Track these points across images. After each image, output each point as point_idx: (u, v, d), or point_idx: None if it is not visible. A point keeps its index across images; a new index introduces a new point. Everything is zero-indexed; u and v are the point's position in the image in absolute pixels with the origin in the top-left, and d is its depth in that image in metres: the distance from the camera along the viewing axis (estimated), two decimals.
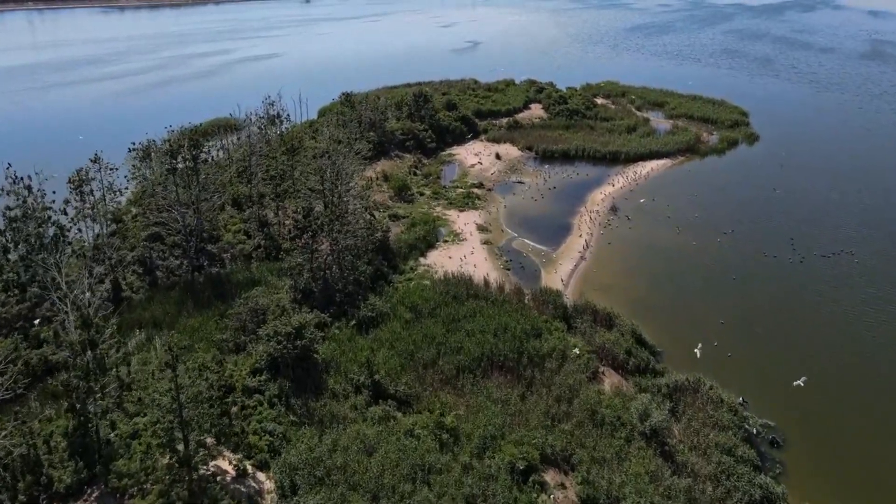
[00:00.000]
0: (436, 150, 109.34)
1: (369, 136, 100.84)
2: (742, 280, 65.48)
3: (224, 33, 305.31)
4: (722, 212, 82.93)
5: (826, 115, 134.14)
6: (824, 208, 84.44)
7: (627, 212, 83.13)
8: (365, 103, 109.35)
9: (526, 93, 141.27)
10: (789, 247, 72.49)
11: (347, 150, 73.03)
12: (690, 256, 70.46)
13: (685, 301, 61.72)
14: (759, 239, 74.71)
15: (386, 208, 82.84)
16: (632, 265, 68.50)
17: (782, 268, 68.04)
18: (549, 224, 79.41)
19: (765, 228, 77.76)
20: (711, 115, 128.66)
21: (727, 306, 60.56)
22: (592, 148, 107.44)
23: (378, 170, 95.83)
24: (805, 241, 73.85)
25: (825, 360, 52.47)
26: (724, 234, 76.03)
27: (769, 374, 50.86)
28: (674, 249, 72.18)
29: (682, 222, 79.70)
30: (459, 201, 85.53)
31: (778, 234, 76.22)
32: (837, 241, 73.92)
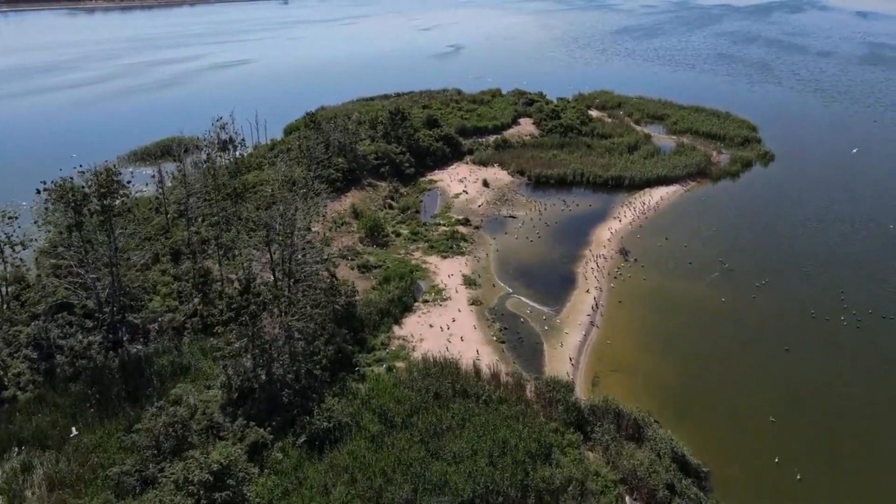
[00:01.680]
0: (415, 176, 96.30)
1: (337, 164, 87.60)
2: (791, 353, 53.20)
3: (195, 37, 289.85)
4: (749, 254, 70.81)
5: (841, 129, 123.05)
6: (870, 249, 72.64)
7: (639, 255, 70.75)
8: (334, 123, 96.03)
9: (514, 105, 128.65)
10: (839, 303, 60.45)
11: (304, 191, 59.84)
12: (722, 319, 58.11)
13: (724, 386, 49.28)
14: (800, 293, 62.60)
15: (354, 255, 69.69)
16: (653, 334, 55.96)
17: (837, 334, 55.91)
18: (548, 274, 66.76)
19: (804, 277, 65.67)
20: (718, 131, 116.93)
21: (778, 394, 48.25)
22: (592, 172, 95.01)
23: (347, 203, 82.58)
24: (857, 294, 61.89)
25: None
26: (757, 286, 63.84)
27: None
28: (700, 309, 59.81)
29: (704, 269, 67.49)
30: (442, 244, 72.55)
31: (822, 284, 64.20)
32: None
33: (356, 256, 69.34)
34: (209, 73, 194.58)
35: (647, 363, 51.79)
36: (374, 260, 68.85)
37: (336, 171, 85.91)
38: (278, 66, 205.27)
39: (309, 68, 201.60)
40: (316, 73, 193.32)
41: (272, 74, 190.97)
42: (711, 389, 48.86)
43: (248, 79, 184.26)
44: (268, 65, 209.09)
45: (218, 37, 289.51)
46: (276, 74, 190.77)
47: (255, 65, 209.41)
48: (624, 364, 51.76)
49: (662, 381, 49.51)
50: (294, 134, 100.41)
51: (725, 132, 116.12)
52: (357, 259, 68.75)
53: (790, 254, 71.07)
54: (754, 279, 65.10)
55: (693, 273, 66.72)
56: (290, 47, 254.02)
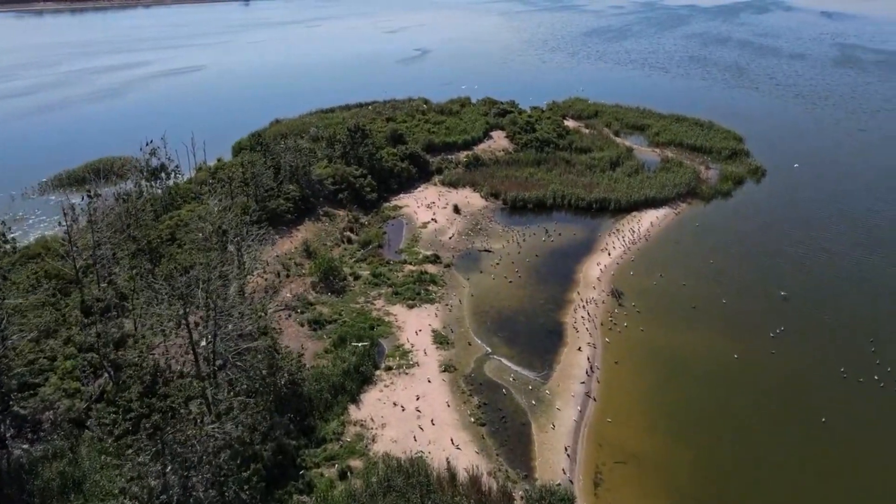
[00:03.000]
0: (377, 202, 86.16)
1: (288, 192, 77.04)
2: (828, 428, 44.67)
3: (146, 41, 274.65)
4: (757, 294, 62.46)
5: (830, 139, 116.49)
6: (892, 281, 64.96)
7: (634, 297, 61.89)
8: (284, 143, 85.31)
9: (485, 117, 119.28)
10: (870, 356, 52.30)
11: (238, 240, 49.45)
12: (740, 383, 49.38)
13: (756, 479, 40.38)
14: (823, 343, 54.32)
15: (305, 306, 59.40)
16: (660, 408, 46.91)
17: (877, 401, 47.57)
18: (532, 326, 57.40)
19: (825, 323, 57.48)
20: (704, 143, 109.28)
21: (824, 486, 39.58)
22: (574, 194, 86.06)
23: (299, 239, 72.12)
24: (890, 344, 53.78)
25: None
26: (772, 336, 55.36)
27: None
28: (712, 370, 51.02)
29: (708, 313, 58.92)
30: (408, 289, 62.64)
31: (845, 331, 56.02)
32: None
33: (307, 308, 59.03)
34: (156, 81, 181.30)
35: (657, 450, 42.66)
36: (329, 312, 58.65)
37: (286, 202, 75.36)
38: (233, 73, 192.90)
39: (266, 75, 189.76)
40: (273, 80, 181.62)
41: (225, 82, 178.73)
42: (739, 484, 39.92)
43: (198, 87, 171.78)
44: (221, 72, 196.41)
45: (171, 40, 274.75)
46: (229, 82, 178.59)
47: (207, 72, 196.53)
48: (630, 451, 42.55)
49: (678, 477, 40.40)
50: (241, 156, 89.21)
51: (711, 144, 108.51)
52: (308, 311, 58.44)
53: (803, 292, 62.89)
54: (767, 326, 56.63)
55: (697, 320, 58.00)
56: (247, 52, 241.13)
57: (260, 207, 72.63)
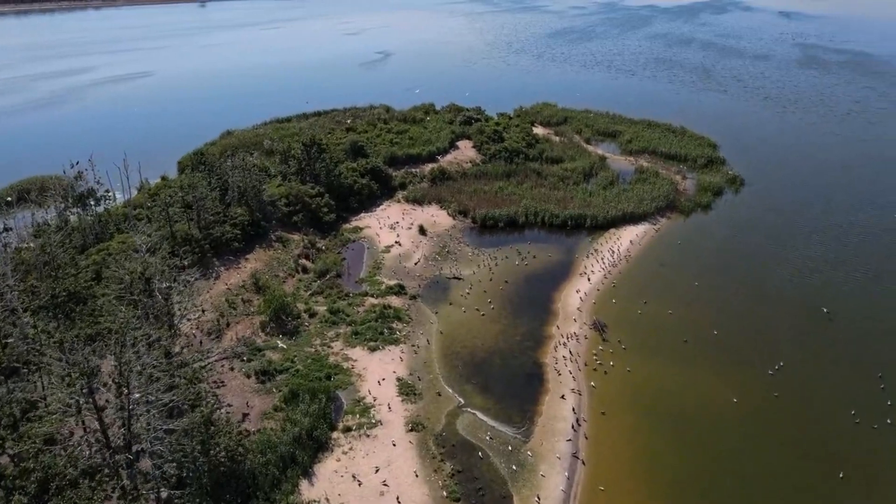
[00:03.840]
0: (336, 223, 79.29)
1: (236, 216, 69.72)
2: (846, 483, 39.65)
3: (94, 45, 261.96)
4: (749, 323, 57.61)
5: (805, 145, 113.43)
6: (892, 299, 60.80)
7: (618, 330, 56.45)
8: (232, 161, 77.79)
9: (450, 125, 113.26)
10: (881, 395, 47.67)
11: (168, 287, 42.35)
12: (742, 434, 44.17)
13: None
14: (828, 381, 49.60)
15: (253, 352, 52.38)
16: (656, 468, 41.37)
17: None
18: (508, 368, 51.44)
19: (826, 356, 52.77)
20: (678, 151, 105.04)
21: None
22: (547, 211, 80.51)
23: (248, 270, 64.91)
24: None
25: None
26: (770, 374, 50.43)
27: None
28: (711, 419, 45.74)
29: (700, 347, 53.79)
30: (370, 328, 56.05)
31: (850, 364, 51.41)
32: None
33: (254, 355, 52.02)
34: (100, 88, 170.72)
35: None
36: (280, 359, 51.75)
37: (234, 228, 68.03)
38: (183, 80, 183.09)
39: (219, 83, 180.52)
40: (227, 88, 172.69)
41: (174, 90, 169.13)
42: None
43: (145, 95, 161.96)
44: (170, 78, 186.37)
45: (120, 44, 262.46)
46: (178, 90, 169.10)
47: (156, 78, 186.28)
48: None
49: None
50: (182, 177, 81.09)
51: (686, 152, 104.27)
52: (256, 359, 51.46)
53: (798, 317, 58.26)
54: (765, 362, 51.69)
55: (688, 356, 52.75)
56: (200, 56, 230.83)
57: (203, 236, 65.28)
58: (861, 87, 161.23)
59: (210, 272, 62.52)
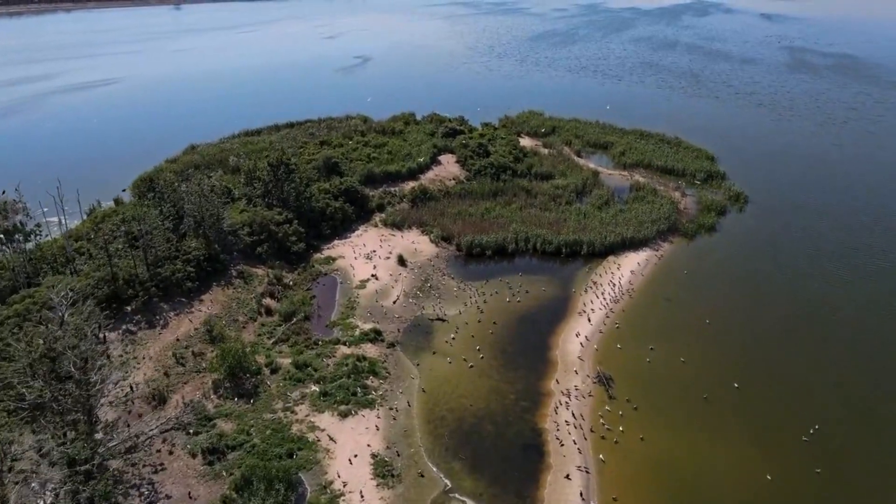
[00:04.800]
0: (306, 252, 71.39)
1: (189, 249, 61.60)
2: None
3: (64, 48, 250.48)
4: (773, 370, 50.86)
5: (804, 155, 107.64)
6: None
7: (627, 384, 49.39)
8: (188, 186, 69.54)
9: (432, 137, 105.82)
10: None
11: (84, 358, 34.49)
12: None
13: None
14: (880, 448, 42.80)
15: (202, 421, 44.48)
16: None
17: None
18: (503, 437, 44.08)
19: (870, 414, 46.05)
20: (675, 164, 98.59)
21: None
22: (539, 236, 73.40)
23: (202, 316, 56.81)
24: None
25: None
26: (805, 440, 43.63)
27: None
28: None
29: (722, 406, 46.88)
30: (341, 388, 48.35)
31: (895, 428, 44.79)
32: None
33: (203, 426, 44.09)
34: (62, 96, 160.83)
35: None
36: (233, 430, 43.89)
37: (186, 265, 59.91)
38: (150, 88, 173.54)
39: (188, 89, 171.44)
40: (195, 95, 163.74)
41: (140, 99, 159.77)
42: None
43: (109, 104, 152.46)
44: (137, 86, 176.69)
45: (90, 48, 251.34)
46: (144, 99, 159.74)
47: (122, 85, 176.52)
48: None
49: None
50: (127, 207, 72.28)
51: (684, 166, 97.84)
52: (204, 431, 43.54)
53: (829, 363, 51.60)
54: (798, 424, 44.87)
55: (709, 419, 45.77)
56: (171, 62, 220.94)
57: (150, 275, 57.11)
58: (855, 93, 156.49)
59: (157, 319, 54.42)
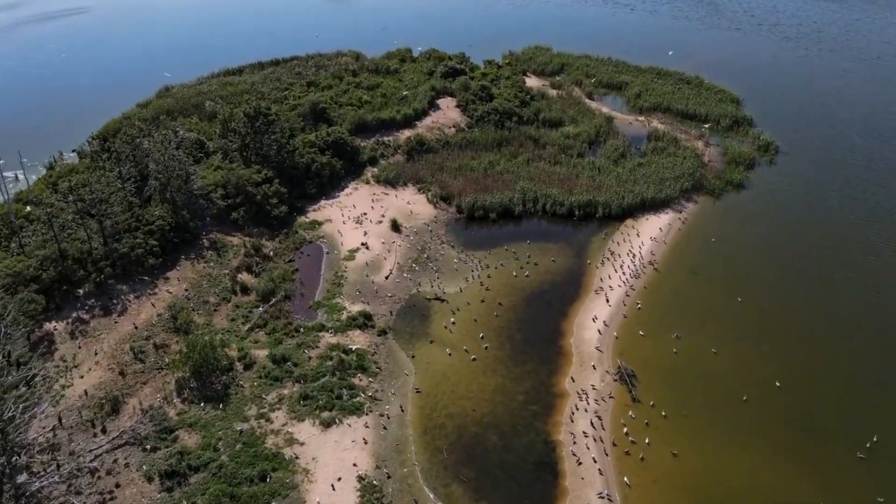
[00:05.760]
0: (289, 216, 63.80)
1: (152, 219, 54.11)
2: None
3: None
4: (818, 364, 44.51)
5: (838, 96, 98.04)
6: None
7: (652, 382, 43.14)
8: (150, 141, 61.16)
9: (430, 78, 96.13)
10: None
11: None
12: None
13: None
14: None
15: (160, 435, 38.34)
16: None
17: None
18: (510, 452, 38.09)
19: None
20: (697, 109, 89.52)
21: None
22: (549, 196, 65.68)
23: (166, 297, 49.84)
24: None
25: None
26: (861, 456, 37.67)
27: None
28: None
29: (763, 410, 40.72)
30: (325, 389, 41.97)
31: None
32: None
33: (162, 439, 37.95)
34: (24, 29, 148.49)
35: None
36: (197, 445, 37.78)
37: (149, 237, 52.51)
38: (124, 19, 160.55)
39: (165, 20, 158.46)
40: (174, 27, 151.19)
41: (112, 32, 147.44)
42: None
43: (78, 37, 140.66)
44: (108, 16, 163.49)
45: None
46: (117, 32, 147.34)
47: (92, 16, 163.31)
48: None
49: None
50: (78, 169, 63.58)
51: (707, 111, 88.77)
52: (163, 446, 37.44)
53: (886, 356, 45.19)
54: (853, 436, 38.78)
55: (749, 426, 39.66)
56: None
57: (106, 252, 49.87)
58: (887, 24, 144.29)
59: (114, 304, 47.57)
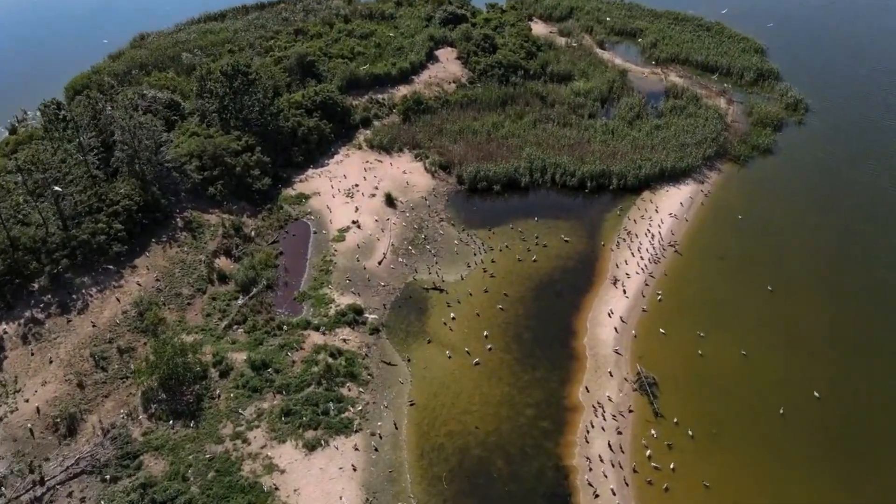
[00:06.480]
0: (273, 187, 58.00)
1: (117, 198, 48.50)
2: None
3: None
4: (863, 371, 39.88)
5: (871, 43, 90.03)
6: None
7: (675, 393, 38.60)
8: (111, 105, 54.70)
9: (428, 25, 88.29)
10: None
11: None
12: None
13: None
14: None
15: (121, 461, 34.01)
16: None
17: None
18: (517, 479, 33.87)
19: None
20: (718, 60, 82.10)
21: None
22: (558, 166, 59.67)
23: (133, 290, 44.74)
24: None
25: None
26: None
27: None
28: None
29: (800, 424, 36.35)
30: (309, 402, 37.44)
31: None
32: None
33: (125, 466, 33.65)
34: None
35: None
36: (164, 473, 33.51)
37: (113, 219, 47.00)
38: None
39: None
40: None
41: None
42: None
43: None
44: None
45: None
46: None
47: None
48: None
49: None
50: (34, 141, 57.02)
51: (729, 62, 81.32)
52: (126, 475, 33.16)
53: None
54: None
55: (788, 445, 35.28)
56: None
57: (63, 239, 44.51)
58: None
59: (73, 300, 42.57)
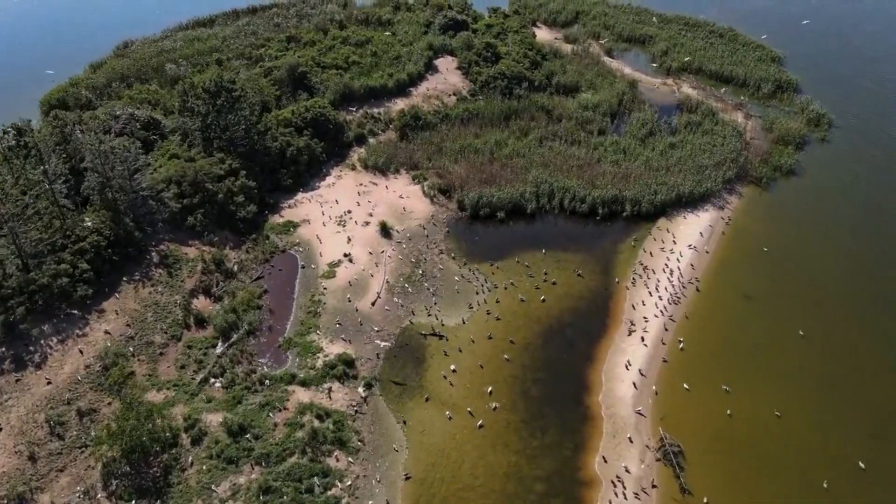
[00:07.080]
0: (259, 214, 53.62)
1: (84, 232, 44.16)
2: None
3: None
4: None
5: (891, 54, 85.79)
6: None
7: (701, 460, 34.31)
8: (84, 129, 50.28)
9: (427, 32, 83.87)
10: None
11: None
12: None
13: None
14: None
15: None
16: None
17: None
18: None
19: None
20: (734, 71, 77.72)
21: None
22: (567, 189, 55.32)
23: (99, 339, 40.39)
24: None
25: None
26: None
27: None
28: None
29: (842, 498, 32.08)
30: (291, 477, 33.14)
31: None
32: None
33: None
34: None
35: None
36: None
37: (78, 258, 42.64)
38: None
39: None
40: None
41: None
42: None
43: None
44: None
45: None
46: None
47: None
48: None
49: None
50: None
51: (746, 73, 76.91)
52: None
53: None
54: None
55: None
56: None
57: (21, 283, 40.15)
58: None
59: (30, 353, 38.25)
